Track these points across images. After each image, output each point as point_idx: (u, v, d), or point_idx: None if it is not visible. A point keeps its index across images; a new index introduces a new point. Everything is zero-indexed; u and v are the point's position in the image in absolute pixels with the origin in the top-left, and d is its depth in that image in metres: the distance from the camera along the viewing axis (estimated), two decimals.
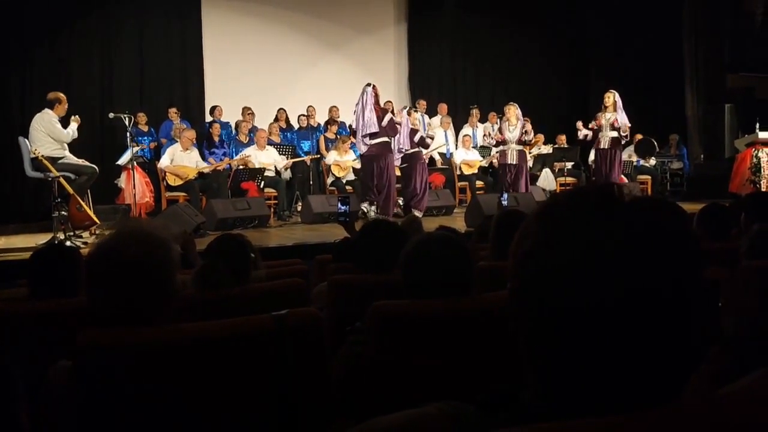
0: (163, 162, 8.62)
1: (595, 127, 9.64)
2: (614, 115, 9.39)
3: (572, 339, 0.69)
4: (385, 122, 8.05)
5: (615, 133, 9.44)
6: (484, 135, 10.65)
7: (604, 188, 0.74)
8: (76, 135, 6.94)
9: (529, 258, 0.73)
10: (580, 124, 9.99)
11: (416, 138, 8.79)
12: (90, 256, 1.49)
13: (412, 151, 8.76)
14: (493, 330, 1.47)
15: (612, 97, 9.50)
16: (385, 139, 8.22)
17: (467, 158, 10.89)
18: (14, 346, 1.96)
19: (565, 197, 0.75)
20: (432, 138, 9.52)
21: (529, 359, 0.74)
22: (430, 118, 11.69)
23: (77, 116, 6.98)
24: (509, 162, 9.26)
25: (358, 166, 9.58)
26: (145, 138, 9.43)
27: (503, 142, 9.30)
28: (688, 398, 0.75)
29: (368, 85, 8.31)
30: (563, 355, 0.70)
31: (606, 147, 9.55)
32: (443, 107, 11.68)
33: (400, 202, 8.97)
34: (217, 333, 1.45)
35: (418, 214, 8.18)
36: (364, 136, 8.18)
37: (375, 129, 8.07)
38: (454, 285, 1.73)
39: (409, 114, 8.70)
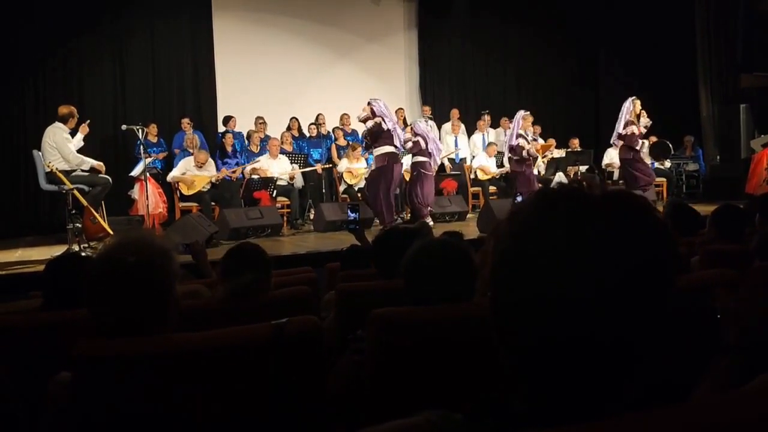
0: (173, 173, 8.67)
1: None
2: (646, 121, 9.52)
3: (553, 338, 0.68)
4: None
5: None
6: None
7: (569, 186, 0.74)
8: (81, 144, 6.96)
9: (503, 260, 0.72)
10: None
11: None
12: (90, 266, 1.49)
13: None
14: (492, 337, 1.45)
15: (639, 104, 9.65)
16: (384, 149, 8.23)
17: (485, 164, 10.83)
18: (25, 357, 1.97)
19: (531, 198, 0.74)
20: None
21: (515, 366, 0.73)
22: (439, 123, 11.70)
23: (86, 125, 7.02)
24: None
25: None
26: (155, 149, 9.49)
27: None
28: (693, 400, 0.73)
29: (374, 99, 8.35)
30: (547, 359, 0.69)
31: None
32: (454, 112, 11.66)
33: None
34: (216, 343, 1.44)
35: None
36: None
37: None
38: (455, 291, 1.71)
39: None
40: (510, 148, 9.30)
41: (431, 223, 8.02)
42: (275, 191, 8.96)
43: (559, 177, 10.91)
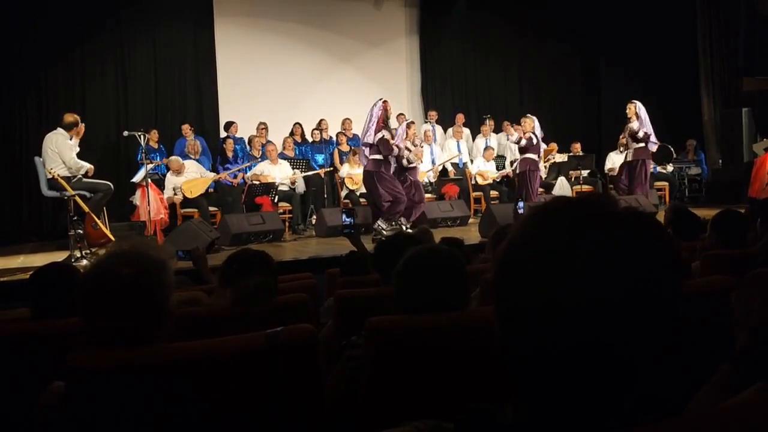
0: (167, 194, 8.65)
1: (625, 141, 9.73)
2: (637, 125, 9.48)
3: (555, 347, 0.67)
4: (376, 139, 8.04)
5: (640, 144, 9.51)
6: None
7: (590, 198, 0.73)
8: (81, 170, 6.83)
9: (508, 267, 0.71)
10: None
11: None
12: (84, 277, 1.48)
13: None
14: (485, 345, 1.45)
15: (633, 108, 9.54)
16: (379, 156, 8.14)
17: (483, 169, 10.83)
18: (15, 367, 1.96)
19: (538, 207, 0.73)
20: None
21: (515, 375, 0.72)
22: (443, 129, 11.70)
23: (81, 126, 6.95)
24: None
25: None
26: (156, 155, 9.49)
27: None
28: (690, 411, 0.73)
29: (380, 99, 8.33)
30: (548, 368, 0.68)
31: (630, 159, 9.66)
32: (459, 117, 11.67)
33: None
34: (210, 352, 1.43)
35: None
36: (364, 146, 8.22)
37: (371, 141, 8.08)
38: (445, 299, 1.70)
39: (408, 127, 8.69)
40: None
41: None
42: (277, 197, 8.96)
43: (561, 181, 10.89)
